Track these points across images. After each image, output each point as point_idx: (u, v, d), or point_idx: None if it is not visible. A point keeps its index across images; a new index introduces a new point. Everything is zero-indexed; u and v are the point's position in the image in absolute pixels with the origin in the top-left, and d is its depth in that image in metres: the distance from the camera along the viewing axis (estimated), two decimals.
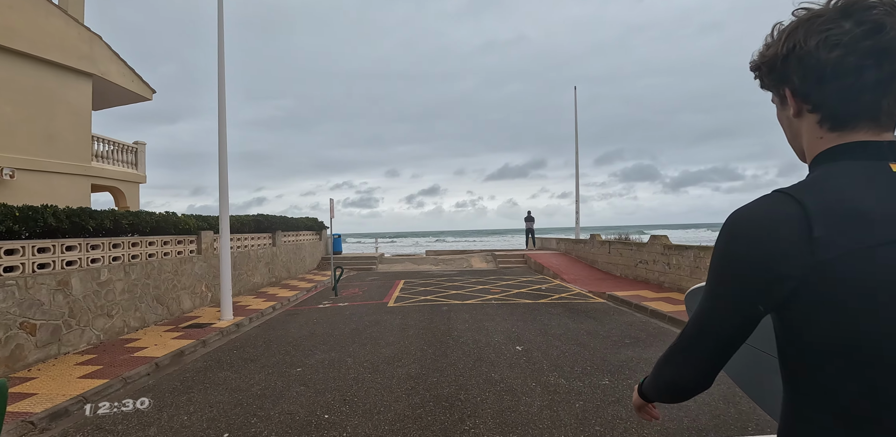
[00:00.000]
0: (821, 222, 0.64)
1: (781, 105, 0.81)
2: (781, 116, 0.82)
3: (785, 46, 0.73)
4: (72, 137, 11.75)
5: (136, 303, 7.29)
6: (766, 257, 0.66)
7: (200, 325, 7.55)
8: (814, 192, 0.67)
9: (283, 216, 14.50)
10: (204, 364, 5.49)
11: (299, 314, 8.56)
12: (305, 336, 6.67)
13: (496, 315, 7.63)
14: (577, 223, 20.25)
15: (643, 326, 6.67)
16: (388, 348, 5.75)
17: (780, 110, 0.82)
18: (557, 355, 5.19)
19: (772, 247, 0.66)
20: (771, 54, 0.76)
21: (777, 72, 0.76)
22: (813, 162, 0.76)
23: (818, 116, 0.73)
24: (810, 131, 0.76)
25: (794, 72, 0.73)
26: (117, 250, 7.06)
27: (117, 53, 13.22)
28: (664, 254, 10.02)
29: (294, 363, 5.29)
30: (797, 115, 0.77)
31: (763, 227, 0.67)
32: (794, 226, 0.65)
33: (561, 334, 6.20)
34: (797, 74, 0.73)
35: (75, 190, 11.69)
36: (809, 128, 0.76)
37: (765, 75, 0.80)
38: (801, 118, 0.77)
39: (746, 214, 0.70)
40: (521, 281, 12.45)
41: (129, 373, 5.10)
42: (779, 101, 0.81)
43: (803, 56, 0.71)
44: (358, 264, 17.93)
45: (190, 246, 9.14)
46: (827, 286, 0.63)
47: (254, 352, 5.93)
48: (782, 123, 0.83)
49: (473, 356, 5.20)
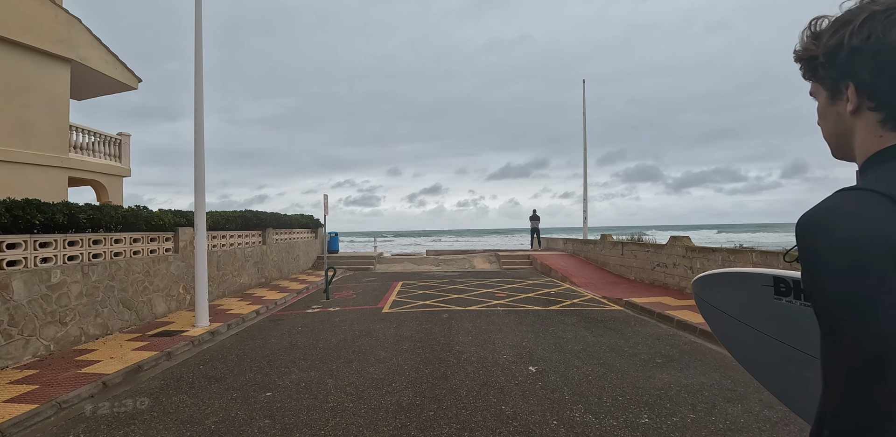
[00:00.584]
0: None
1: (831, 99, 0.75)
2: (829, 111, 0.76)
3: (856, 37, 0.67)
4: (48, 126, 10.95)
5: (96, 308, 6.46)
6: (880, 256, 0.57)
7: (170, 333, 6.72)
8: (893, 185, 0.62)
9: (275, 213, 13.66)
10: (160, 384, 4.66)
11: (284, 321, 7.73)
12: (285, 348, 5.83)
13: (503, 325, 6.78)
14: (584, 223, 19.36)
15: (672, 340, 5.80)
16: (378, 366, 4.90)
17: (828, 105, 0.76)
18: (579, 379, 4.33)
19: (880, 245, 0.57)
20: (835, 44, 0.70)
21: (840, 64, 0.70)
22: (869, 160, 0.70)
23: (881, 114, 0.68)
24: (868, 130, 0.70)
25: (864, 65, 0.67)
26: (74, 249, 6.23)
27: (99, 38, 12.39)
28: (686, 257, 9.14)
29: (265, 385, 4.44)
30: (855, 112, 0.71)
31: (866, 221, 0.59)
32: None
33: (579, 350, 5.33)
34: (868, 68, 0.67)
35: (51, 183, 10.89)
36: (867, 127, 0.70)
37: (821, 66, 0.74)
38: (857, 116, 0.71)
39: (838, 211, 0.62)
40: (528, 284, 11.59)
41: (67, 396, 4.26)
42: (828, 95, 0.75)
43: (881, 48, 0.65)
44: (355, 264, 17.09)
45: (166, 244, 8.32)
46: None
47: (222, 368, 5.09)
48: (826, 119, 0.77)
49: (479, 380, 4.34)
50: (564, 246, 18.46)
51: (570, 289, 10.55)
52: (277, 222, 13.61)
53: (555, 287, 10.92)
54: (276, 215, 13.54)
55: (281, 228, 14.06)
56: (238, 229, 11.29)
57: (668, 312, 7.25)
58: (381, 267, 16.98)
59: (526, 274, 14.14)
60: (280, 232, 13.97)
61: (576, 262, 14.99)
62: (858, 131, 0.72)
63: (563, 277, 12.38)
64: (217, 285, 9.94)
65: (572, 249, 17.23)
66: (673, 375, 4.43)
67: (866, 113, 0.69)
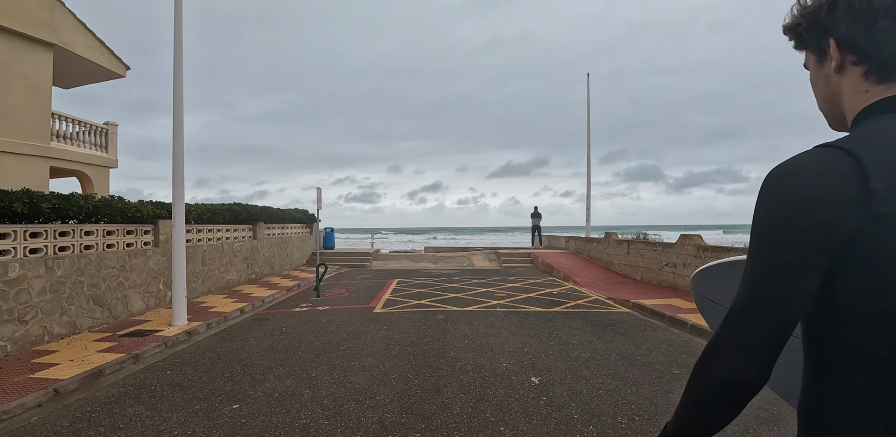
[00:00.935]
0: (877, 174, 0.60)
1: (818, 63, 0.77)
2: (817, 76, 0.78)
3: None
4: (28, 113, 10.44)
5: (62, 305, 5.96)
6: (823, 211, 0.61)
7: (143, 333, 6.23)
8: (864, 145, 0.63)
9: (267, 207, 13.14)
10: (118, 392, 4.16)
11: (268, 320, 7.23)
12: (265, 351, 5.33)
13: (503, 328, 6.27)
14: (587, 220, 18.84)
15: (688, 347, 5.29)
16: (362, 374, 4.39)
17: (817, 70, 0.78)
18: (588, 393, 3.82)
19: (828, 200, 0.61)
20: (814, 5, 0.73)
21: (820, 23, 0.73)
22: (856, 118, 0.71)
23: (864, 67, 0.70)
24: (853, 85, 0.72)
25: (840, 19, 0.70)
26: (37, 241, 5.72)
27: (83, 23, 11.85)
28: (698, 256, 8.63)
29: (234, 395, 3.94)
30: (839, 69, 0.73)
31: (816, 179, 0.62)
32: (848, 178, 0.61)
33: (587, 358, 4.82)
34: (844, 21, 0.69)
35: (31, 172, 10.39)
36: (852, 82, 0.72)
37: (804, 30, 0.76)
38: (843, 73, 0.73)
39: (795, 168, 0.65)
40: (529, 283, 11.07)
41: (9, 406, 3.76)
42: (815, 58, 0.78)
43: (853, 1, 0.68)
44: (351, 261, 16.60)
45: (145, 237, 7.81)
46: (879, 242, 0.59)
47: (191, 374, 4.59)
48: (817, 85, 0.79)
49: (475, 394, 3.83)
50: (566, 244, 17.95)
51: (574, 289, 10.04)
52: (269, 216, 13.09)
53: (557, 287, 10.41)
54: (267, 209, 13.02)
55: (273, 222, 13.54)
56: (226, 223, 10.77)
57: (679, 315, 6.74)
58: (377, 264, 16.49)
59: (527, 273, 13.63)
60: (272, 227, 13.46)
61: (579, 260, 14.47)
62: (845, 91, 0.73)
63: (566, 276, 11.87)
64: (202, 282, 9.44)
65: (575, 247, 16.72)
66: None
67: (850, 69, 0.71)
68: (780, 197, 0.63)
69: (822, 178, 0.61)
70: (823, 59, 0.75)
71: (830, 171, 0.61)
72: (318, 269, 9.55)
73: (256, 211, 12.09)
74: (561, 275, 12.30)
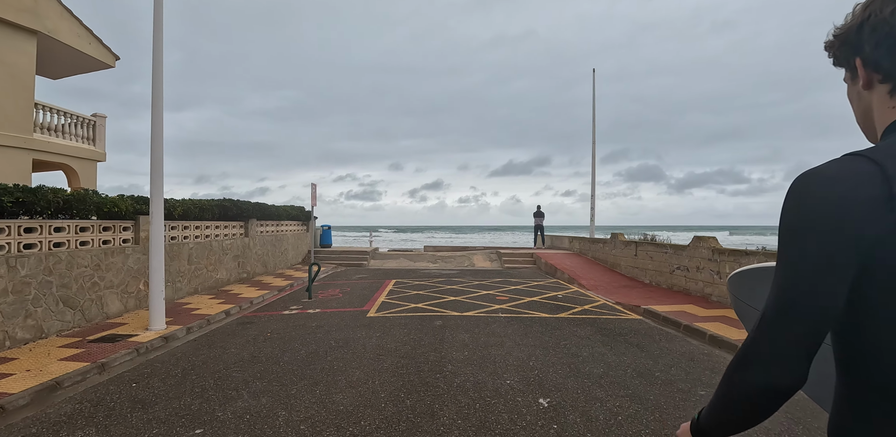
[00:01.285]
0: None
1: (852, 80, 0.80)
2: (852, 92, 0.81)
3: (860, 17, 0.73)
4: (9, 103, 9.95)
5: (26, 307, 5.48)
6: (853, 213, 0.62)
7: (115, 337, 5.74)
8: (889, 154, 0.65)
9: (260, 203, 12.65)
10: (73, 409, 3.68)
11: (254, 324, 6.74)
12: (244, 361, 4.84)
13: (506, 337, 5.77)
14: (591, 220, 18.34)
15: (710, 362, 4.79)
16: (348, 392, 3.90)
17: (851, 86, 0.80)
18: (606, 419, 3.32)
19: (857, 202, 0.62)
20: (846, 27, 0.76)
21: (850, 43, 0.76)
22: (885, 132, 0.73)
23: (888, 86, 0.73)
24: (881, 102, 0.75)
25: (866, 41, 0.73)
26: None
27: (70, 10, 11.35)
28: (713, 260, 8.12)
29: (199, 417, 3.45)
30: (867, 86, 0.76)
31: (845, 184, 0.64)
32: (875, 184, 0.62)
33: (600, 374, 4.32)
34: (869, 43, 0.72)
35: (12, 165, 9.92)
36: (880, 99, 0.75)
37: (837, 49, 0.79)
38: (871, 90, 0.76)
39: (825, 173, 0.66)
40: (533, 286, 10.57)
41: None
42: (849, 75, 0.80)
43: (877, 24, 0.71)
44: (348, 260, 16.11)
45: (123, 234, 7.32)
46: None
47: (158, 388, 4.11)
48: (852, 100, 0.82)
49: (475, 419, 3.33)
50: (570, 245, 17.43)
51: (580, 292, 9.54)
52: (263, 212, 12.60)
53: (562, 290, 9.90)
54: (260, 206, 12.53)
55: (267, 219, 13.05)
56: (216, 220, 10.29)
57: (696, 324, 6.24)
58: (374, 263, 16.00)
59: (529, 274, 13.13)
60: (266, 224, 12.97)
61: (583, 262, 13.97)
62: (875, 106, 0.76)
63: (571, 278, 11.37)
64: (188, 281, 8.96)
65: (579, 247, 16.21)
66: None
67: (877, 86, 0.74)
68: (811, 201, 0.65)
69: (851, 182, 0.63)
70: (855, 75, 0.78)
71: (858, 176, 0.64)
72: (311, 269, 9.06)
73: (248, 207, 11.60)
74: (565, 277, 11.80)
